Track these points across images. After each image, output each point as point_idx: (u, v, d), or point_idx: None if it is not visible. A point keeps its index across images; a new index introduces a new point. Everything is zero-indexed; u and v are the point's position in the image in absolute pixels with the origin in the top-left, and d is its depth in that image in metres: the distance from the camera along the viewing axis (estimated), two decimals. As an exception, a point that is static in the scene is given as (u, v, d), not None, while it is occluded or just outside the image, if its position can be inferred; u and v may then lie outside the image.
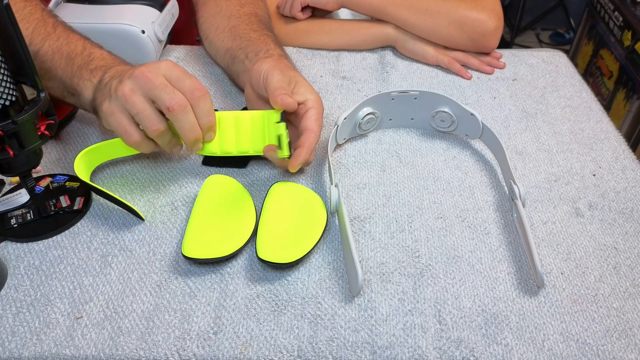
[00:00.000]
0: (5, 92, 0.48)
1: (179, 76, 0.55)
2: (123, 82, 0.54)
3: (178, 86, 0.55)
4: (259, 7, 0.80)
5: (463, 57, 0.84)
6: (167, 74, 0.55)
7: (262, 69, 0.61)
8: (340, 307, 0.50)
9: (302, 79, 0.62)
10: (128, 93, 0.54)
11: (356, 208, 0.60)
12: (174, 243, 0.55)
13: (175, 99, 0.54)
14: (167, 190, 0.61)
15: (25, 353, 0.46)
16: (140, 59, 0.75)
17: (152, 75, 0.54)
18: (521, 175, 0.65)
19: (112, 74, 0.58)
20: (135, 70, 0.54)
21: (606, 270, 0.54)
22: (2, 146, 0.50)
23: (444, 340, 0.47)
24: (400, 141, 0.70)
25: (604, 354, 0.47)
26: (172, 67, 0.55)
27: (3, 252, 0.54)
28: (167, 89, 0.54)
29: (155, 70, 0.54)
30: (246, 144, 0.60)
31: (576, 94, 0.80)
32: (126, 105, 0.54)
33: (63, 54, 0.62)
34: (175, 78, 0.55)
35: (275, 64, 0.62)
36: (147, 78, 0.53)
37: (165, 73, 0.55)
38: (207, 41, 0.79)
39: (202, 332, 0.48)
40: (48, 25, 0.63)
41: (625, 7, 1.69)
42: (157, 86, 0.54)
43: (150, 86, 0.54)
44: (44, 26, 0.63)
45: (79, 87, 0.60)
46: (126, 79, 0.55)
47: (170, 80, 0.55)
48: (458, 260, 0.54)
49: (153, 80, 0.54)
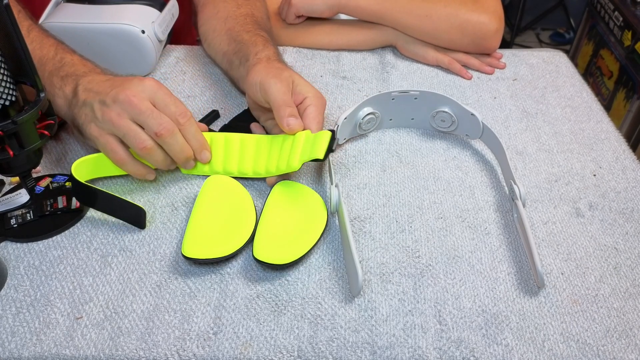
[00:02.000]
0: (5, 92, 0.48)
1: (165, 100, 0.56)
2: (109, 107, 0.55)
3: (164, 111, 0.56)
4: (256, 8, 0.80)
5: (464, 58, 0.84)
6: (152, 97, 0.55)
7: (255, 81, 0.61)
8: (340, 307, 0.50)
9: (297, 76, 0.62)
10: (115, 118, 0.54)
11: (356, 208, 0.60)
12: (174, 243, 0.55)
13: (163, 124, 0.55)
14: (167, 191, 0.61)
15: (25, 353, 0.46)
16: (140, 59, 0.75)
17: (138, 100, 0.54)
18: (521, 175, 0.65)
19: (87, 87, 0.57)
20: (120, 93, 0.54)
21: (606, 271, 0.54)
22: (2, 146, 0.50)
23: (444, 340, 0.47)
24: (401, 141, 0.70)
25: (604, 354, 0.47)
26: (156, 88, 0.56)
27: (3, 252, 0.54)
28: (153, 114, 0.55)
29: (140, 94, 0.55)
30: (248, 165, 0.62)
31: (576, 94, 0.80)
32: (113, 129, 0.55)
33: (35, 59, 0.60)
34: (161, 102, 0.56)
35: (266, 71, 0.62)
36: (132, 103, 0.54)
37: (150, 96, 0.55)
38: (206, 44, 0.79)
39: (202, 332, 0.47)
40: (22, 28, 0.62)
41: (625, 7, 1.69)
42: (143, 112, 0.54)
43: (136, 112, 0.54)
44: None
45: (50, 94, 0.60)
46: (111, 103, 0.55)
47: (156, 104, 0.55)
48: (458, 260, 0.54)
49: (139, 105, 0.54)
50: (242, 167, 0.61)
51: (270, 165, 0.60)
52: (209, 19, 0.78)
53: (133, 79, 0.56)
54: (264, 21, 0.79)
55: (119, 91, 0.55)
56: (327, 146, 0.57)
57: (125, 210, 0.56)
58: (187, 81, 0.79)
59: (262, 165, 0.61)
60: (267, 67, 0.63)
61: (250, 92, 0.63)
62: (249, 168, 0.61)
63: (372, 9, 0.82)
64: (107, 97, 0.55)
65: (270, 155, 0.61)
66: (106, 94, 0.55)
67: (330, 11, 0.83)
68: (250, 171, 0.61)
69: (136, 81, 0.56)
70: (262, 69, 0.62)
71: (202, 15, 0.80)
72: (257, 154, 0.62)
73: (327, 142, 0.57)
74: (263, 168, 0.61)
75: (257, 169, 0.61)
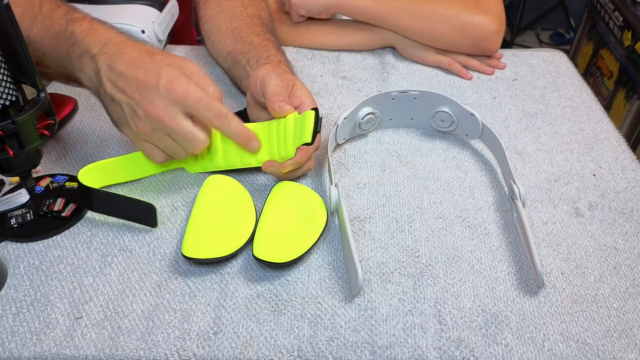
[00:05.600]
0: (5, 92, 0.48)
1: (197, 108, 0.54)
2: (142, 121, 0.53)
3: (201, 117, 0.55)
4: (262, 9, 0.79)
5: (464, 59, 0.84)
6: (184, 108, 0.53)
7: (259, 74, 0.61)
8: (340, 307, 0.50)
9: (299, 82, 0.62)
10: (150, 133, 0.54)
11: (356, 208, 0.60)
12: (174, 243, 0.55)
13: (216, 110, 0.54)
14: (167, 191, 0.61)
15: (25, 353, 0.46)
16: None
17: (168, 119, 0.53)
18: (521, 175, 0.65)
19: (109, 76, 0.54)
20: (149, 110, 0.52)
21: (606, 271, 0.54)
22: (2, 146, 0.50)
23: (444, 340, 0.47)
24: (400, 141, 0.70)
25: (604, 354, 0.47)
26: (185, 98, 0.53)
27: (3, 252, 0.54)
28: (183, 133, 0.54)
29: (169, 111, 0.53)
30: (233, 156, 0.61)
31: (576, 94, 0.80)
32: (150, 141, 0.55)
33: (52, 37, 0.58)
34: (195, 110, 0.54)
35: (273, 68, 0.62)
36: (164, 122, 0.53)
37: (182, 108, 0.53)
38: (209, 42, 0.79)
39: (202, 332, 0.48)
40: (34, 5, 0.59)
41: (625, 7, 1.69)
42: (175, 131, 0.53)
43: (169, 131, 0.53)
44: (31, 8, 0.59)
45: (74, 75, 0.58)
46: (144, 118, 0.53)
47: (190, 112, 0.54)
48: (458, 260, 0.54)
49: (171, 124, 0.53)
50: (243, 158, 0.61)
51: (272, 152, 0.60)
52: (213, 17, 0.78)
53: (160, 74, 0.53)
54: (269, 23, 0.78)
55: (148, 107, 0.52)
56: (312, 128, 0.57)
57: (134, 210, 0.55)
58: (187, 81, 0.79)
59: (263, 153, 0.60)
60: (276, 66, 0.63)
61: (252, 86, 0.63)
62: (251, 157, 0.61)
63: (371, 10, 0.81)
64: (138, 107, 0.53)
65: (270, 142, 0.60)
66: (135, 102, 0.53)
67: (328, 12, 0.83)
68: (254, 160, 0.61)
69: (163, 84, 0.52)
70: (270, 66, 0.63)
71: (206, 13, 0.79)
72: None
73: (312, 123, 0.57)
74: (265, 155, 0.60)
75: (259, 157, 0.60)
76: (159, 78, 0.52)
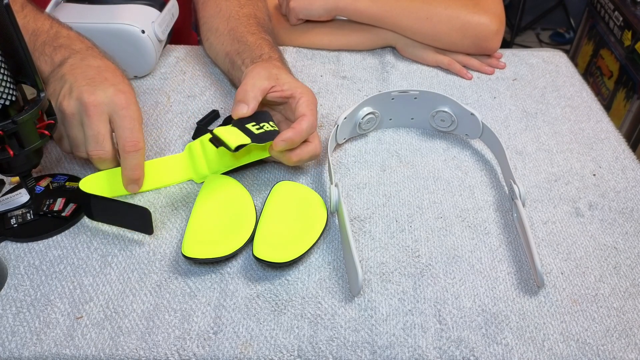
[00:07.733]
0: (5, 92, 0.48)
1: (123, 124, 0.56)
2: (70, 100, 0.55)
3: (117, 132, 0.56)
4: (259, 9, 0.79)
5: (463, 59, 0.84)
6: (112, 113, 0.55)
7: (246, 71, 0.62)
8: (340, 306, 0.50)
9: (284, 73, 0.62)
10: (68, 115, 0.55)
11: (356, 208, 0.60)
12: (174, 243, 0.55)
13: (138, 138, 0.56)
14: (167, 191, 0.61)
15: (25, 353, 0.46)
16: (140, 58, 0.75)
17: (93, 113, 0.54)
18: (521, 175, 0.65)
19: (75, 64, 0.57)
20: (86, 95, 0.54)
21: (606, 270, 0.54)
22: (2, 146, 0.50)
23: (444, 340, 0.47)
24: (400, 141, 0.70)
25: (604, 354, 0.47)
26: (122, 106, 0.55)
27: (3, 252, 0.54)
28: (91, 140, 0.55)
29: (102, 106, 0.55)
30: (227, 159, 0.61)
31: (576, 93, 0.80)
32: (84, 120, 0.55)
33: (28, 31, 0.60)
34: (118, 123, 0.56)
35: (254, 67, 0.62)
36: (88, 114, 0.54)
37: (111, 111, 0.55)
38: (208, 43, 0.79)
39: (202, 332, 0.48)
40: (16, 4, 0.62)
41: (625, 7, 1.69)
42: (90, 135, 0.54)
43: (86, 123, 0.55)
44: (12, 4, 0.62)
45: (38, 61, 0.59)
46: (75, 97, 0.54)
47: (113, 121, 0.56)
48: (458, 260, 0.54)
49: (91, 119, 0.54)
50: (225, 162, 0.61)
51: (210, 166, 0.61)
52: (211, 18, 0.78)
53: (115, 85, 0.56)
54: (266, 22, 0.78)
55: (86, 92, 0.55)
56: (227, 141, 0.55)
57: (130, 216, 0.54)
58: (187, 81, 0.79)
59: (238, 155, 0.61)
60: (262, 64, 0.63)
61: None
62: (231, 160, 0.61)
63: (371, 12, 0.81)
64: (77, 89, 0.55)
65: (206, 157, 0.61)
66: (78, 85, 0.55)
67: (329, 15, 0.83)
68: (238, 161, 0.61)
69: (112, 90, 0.56)
70: (258, 64, 0.63)
71: (204, 14, 0.80)
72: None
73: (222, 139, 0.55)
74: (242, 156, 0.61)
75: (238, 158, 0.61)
76: (117, 85, 0.56)
